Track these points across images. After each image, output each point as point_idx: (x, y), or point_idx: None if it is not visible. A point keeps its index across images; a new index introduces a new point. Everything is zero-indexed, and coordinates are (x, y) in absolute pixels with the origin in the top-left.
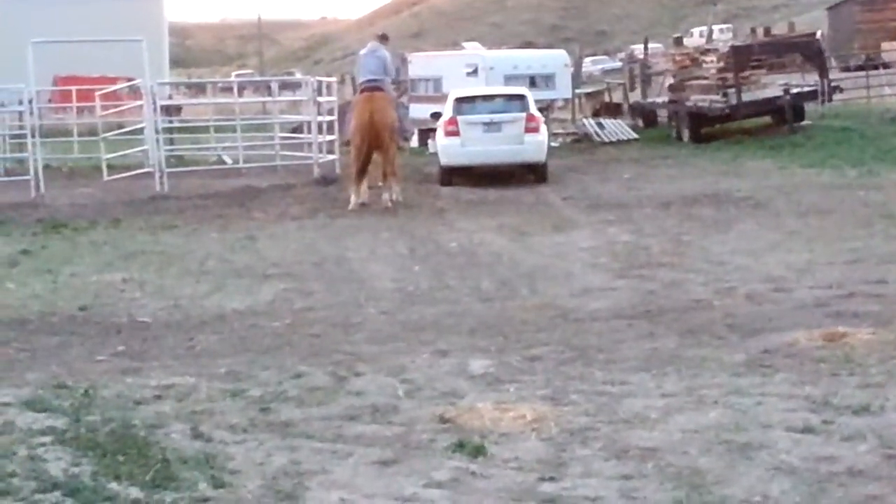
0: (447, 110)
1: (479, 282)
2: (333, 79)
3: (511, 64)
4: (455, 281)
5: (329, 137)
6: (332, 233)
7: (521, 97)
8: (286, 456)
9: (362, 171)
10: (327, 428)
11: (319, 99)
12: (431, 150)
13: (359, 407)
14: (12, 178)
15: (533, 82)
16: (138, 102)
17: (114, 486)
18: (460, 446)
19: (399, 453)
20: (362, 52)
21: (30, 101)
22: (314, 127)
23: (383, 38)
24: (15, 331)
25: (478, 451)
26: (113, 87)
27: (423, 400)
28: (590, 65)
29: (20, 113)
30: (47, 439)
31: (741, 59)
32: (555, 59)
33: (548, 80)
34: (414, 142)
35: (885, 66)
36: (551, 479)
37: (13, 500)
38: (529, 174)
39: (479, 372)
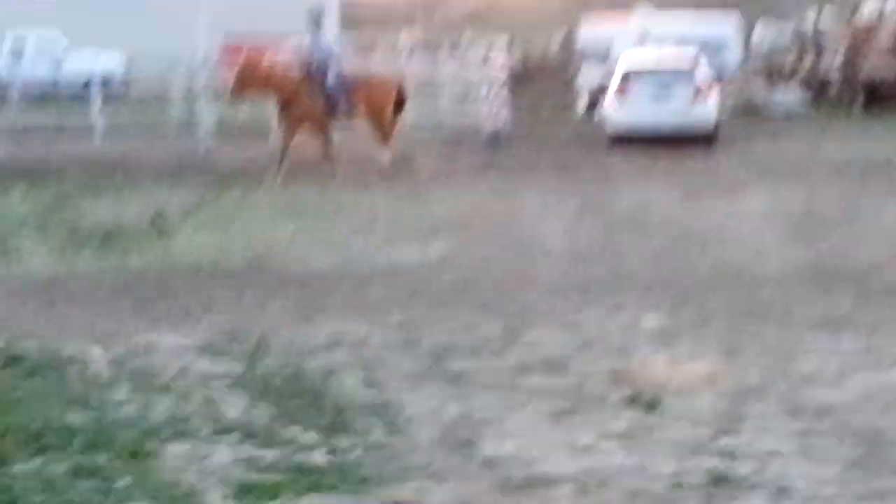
0: (617, 76)
1: (649, 241)
2: (504, 42)
3: (681, 30)
4: (626, 240)
5: (499, 99)
6: (502, 191)
7: (692, 64)
8: (460, 405)
9: None
10: (501, 379)
11: (490, 61)
12: (599, 116)
13: (532, 359)
14: (184, 136)
15: (704, 48)
16: None
17: (290, 429)
18: (635, 400)
19: (573, 405)
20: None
21: (201, 61)
22: (484, 89)
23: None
24: (189, 279)
25: (653, 405)
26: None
27: (596, 354)
28: (761, 32)
29: (191, 72)
30: (224, 383)
31: None
32: (726, 25)
33: (718, 46)
34: (583, 107)
35: None
36: (728, 433)
37: (192, 440)
38: (699, 141)
39: (653, 327)
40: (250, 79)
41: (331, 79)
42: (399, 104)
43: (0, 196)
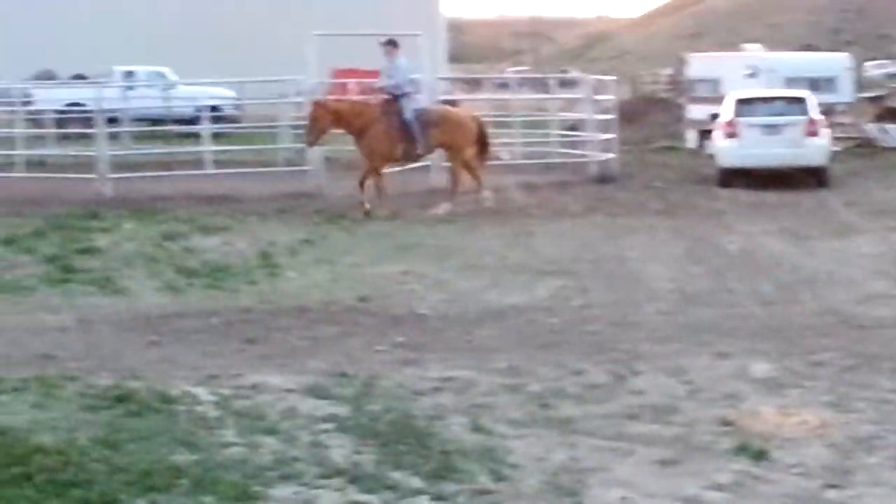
0: (726, 112)
1: (759, 285)
2: (611, 77)
3: (792, 66)
4: (734, 283)
5: (607, 136)
6: (610, 232)
7: (802, 100)
8: (566, 452)
9: None
10: (607, 426)
11: (597, 97)
12: (709, 151)
13: (639, 406)
14: (293, 169)
15: (814, 85)
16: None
17: (395, 474)
18: (742, 449)
19: (680, 454)
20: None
21: (310, 93)
22: (591, 125)
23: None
24: (296, 319)
25: (760, 455)
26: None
27: (704, 401)
28: (872, 69)
29: (299, 104)
30: (330, 426)
31: None
32: (836, 63)
33: (829, 83)
34: (692, 143)
35: None
36: (836, 486)
37: (297, 484)
38: (810, 178)
39: (761, 375)
40: (321, 121)
41: (407, 111)
42: (481, 142)
43: (110, 231)
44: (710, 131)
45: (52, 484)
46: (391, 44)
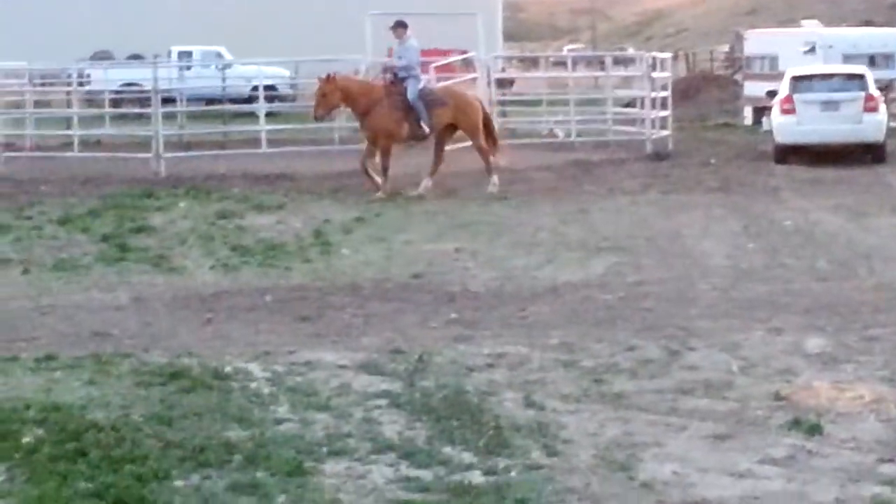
0: (783, 88)
1: (814, 261)
2: (668, 55)
3: (850, 42)
4: (790, 259)
5: (662, 113)
6: (665, 208)
7: (860, 76)
8: (619, 427)
9: None
10: (660, 401)
11: (653, 75)
12: (766, 127)
13: (692, 381)
14: (346, 147)
15: (872, 61)
16: (472, 75)
17: (448, 450)
18: (796, 424)
19: (733, 429)
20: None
21: (366, 72)
22: (647, 102)
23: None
24: (350, 296)
25: (814, 430)
26: (447, 60)
27: (758, 377)
28: None
29: None
30: (382, 402)
31: None
32: (895, 38)
33: (888, 59)
34: (748, 119)
35: None
36: (890, 461)
37: (350, 459)
38: (867, 154)
39: (816, 351)
40: (330, 96)
41: (411, 92)
42: (485, 126)
43: (165, 210)
44: (766, 108)
45: (107, 460)
46: (400, 25)
